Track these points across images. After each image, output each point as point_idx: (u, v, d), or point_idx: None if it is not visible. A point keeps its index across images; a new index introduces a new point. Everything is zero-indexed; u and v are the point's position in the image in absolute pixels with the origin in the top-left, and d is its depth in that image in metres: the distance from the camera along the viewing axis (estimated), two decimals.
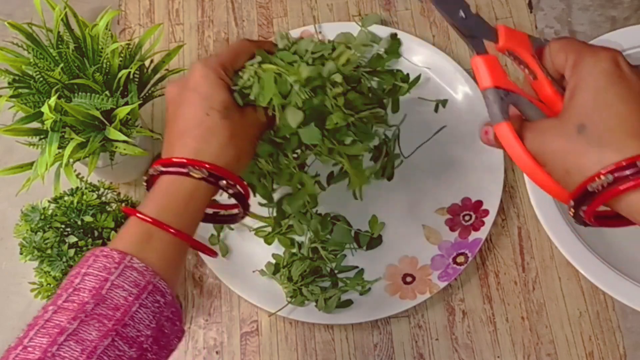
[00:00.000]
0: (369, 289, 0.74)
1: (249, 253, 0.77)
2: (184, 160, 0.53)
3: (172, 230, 0.51)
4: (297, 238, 0.76)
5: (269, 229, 0.76)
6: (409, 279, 0.75)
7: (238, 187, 0.55)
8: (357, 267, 0.76)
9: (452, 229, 0.76)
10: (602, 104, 0.42)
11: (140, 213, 0.51)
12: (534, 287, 0.75)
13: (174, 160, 0.53)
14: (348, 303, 0.74)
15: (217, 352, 0.75)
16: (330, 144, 0.61)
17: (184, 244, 0.53)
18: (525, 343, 0.73)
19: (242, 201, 0.57)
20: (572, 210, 0.44)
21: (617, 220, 0.45)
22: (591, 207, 0.42)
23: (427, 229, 0.77)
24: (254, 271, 0.76)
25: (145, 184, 0.56)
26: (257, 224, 0.78)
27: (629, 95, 0.42)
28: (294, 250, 0.76)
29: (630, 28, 0.74)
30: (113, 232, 0.70)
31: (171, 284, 0.51)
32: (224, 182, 0.54)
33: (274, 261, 0.76)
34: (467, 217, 0.76)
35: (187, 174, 0.53)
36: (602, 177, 0.40)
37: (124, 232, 0.52)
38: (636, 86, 0.43)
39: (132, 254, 0.49)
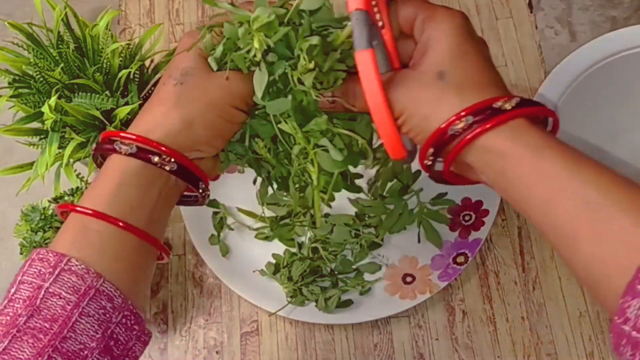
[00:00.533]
0: (369, 289, 0.74)
1: (249, 253, 0.77)
2: (116, 135, 0.47)
3: (105, 217, 0.44)
4: (297, 238, 0.76)
5: (268, 229, 0.77)
6: (409, 279, 0.75)
7: (176, 162, 0.47)
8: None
9: (452, 229, 0.76)
10: (461, 53, 0.44)
11: (71, 205, 0.46)
12: (534, 287, 0.75)
13: (104, 135, 0.48)
14: (348, 303, 0.74)
15: (217, 352, 0.75)
16: (305, 142, 0.50)
17: (129, 235, 0.46)
18: (525, 343, 0.73)
19: (189, 179, 0.49)
20: (431, 158, 0.45)
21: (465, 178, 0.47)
22: (454, 151, 0.43)
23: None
24: (254, 271, 0.76)
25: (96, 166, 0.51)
26: (257, 224, 0.78)
27: (480, 51, 0.45)
28: (294, 250, 0.76)
29: (630, 28, 0.74)
30: None
31: (123, 284, 0.45)
32: (157, 157, 0.46)
33: (274, 261, 0.76)
34: (467, 217, 0.76)
35: (113, 150, 0.46)
36: (463, 118, 0.42)
37: (62, 229, 0.46)
38: (483, 46, 0.46)
39: (71, 254, 0.43)
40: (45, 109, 0.65)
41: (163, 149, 0.47)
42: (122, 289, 0.45)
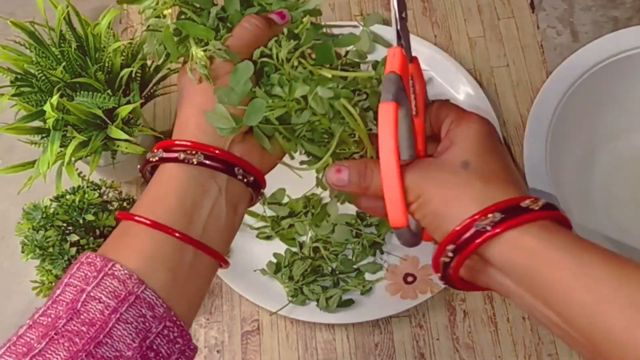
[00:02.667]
0: (370, 288, 0.74)
1: (250, 252, 0.77)
2: (152, 151, 0.48)
3: (137, 219, 0.44)
4: (299, 237, 0.76)
5: (269, 229, 0.77)
6: (410, 279, 0.75)
7: (202, 152, 0.46)
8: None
9: None
10: (486, 149, 0.46)
11: (121, 213, 0.46)
12: None
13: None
14: (349, 302, 0.74)
15: (218, 351, 0.75)
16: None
17: (169, 238, 0.44)
18: (527, 343, 0.73)
19: (221, 166, 0.47)
20: (450, 255, 0.44)
21: (476, 286, 0.47)
22: (474, 245, 0.42)
23: None
24: (255, 270, 0.76)
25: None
26: (258, 223, 0.78)
27: (502, 152, 0.47)
28: (295, 250, 0.76)
29: (632, 28, 0.74)
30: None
31: (168, 293, 0.43)
32: (182, 154, 0.46)
33: (275, 260, 0.76)
34: None
35: (148, 162, 0.47)
36: (490, 215, 0.42)
37: (111, 235, 0.46)
38: (505, 150, 0.48)
39: (118, 260, 0.43)
40: (47, 107, 0.65)
41: (177, 142, 0.46)
42: (167, 298, 0.43)
